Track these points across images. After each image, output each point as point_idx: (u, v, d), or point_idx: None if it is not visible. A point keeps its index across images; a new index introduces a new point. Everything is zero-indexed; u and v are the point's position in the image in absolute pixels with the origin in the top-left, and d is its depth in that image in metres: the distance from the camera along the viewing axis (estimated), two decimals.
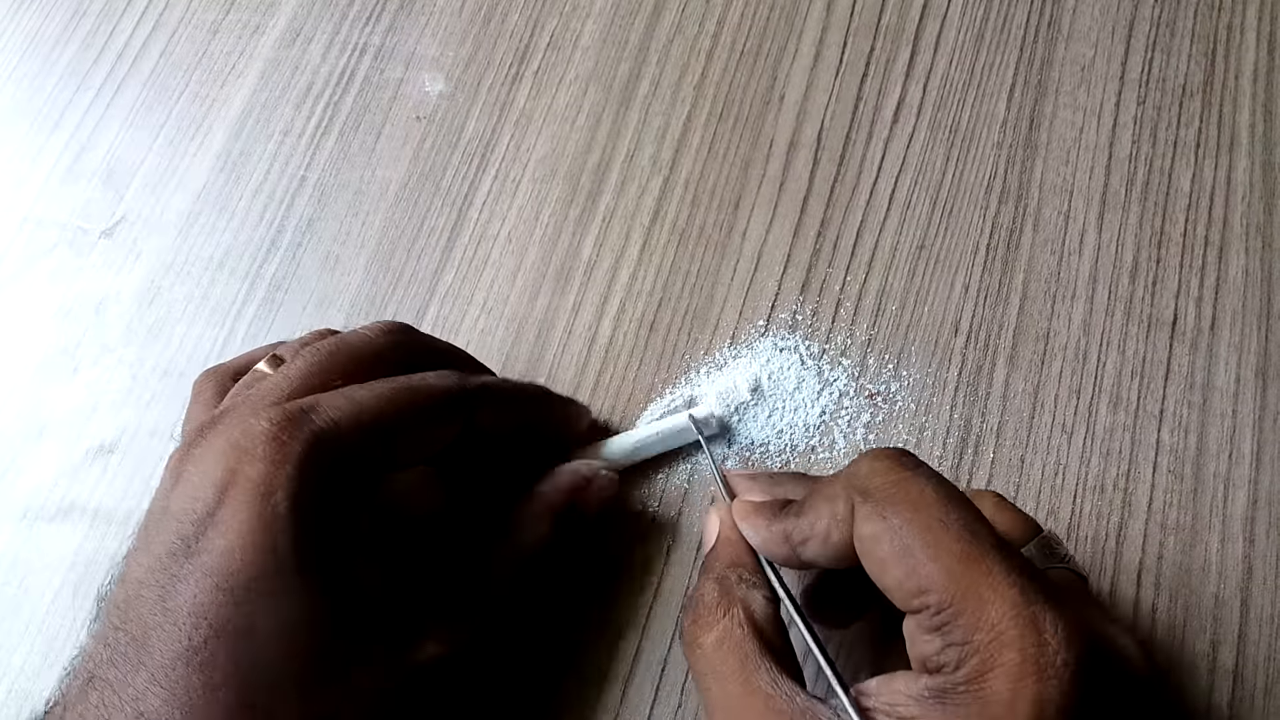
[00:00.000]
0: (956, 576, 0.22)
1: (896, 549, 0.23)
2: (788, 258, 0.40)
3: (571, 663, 0.34)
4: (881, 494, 0.24)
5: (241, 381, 0.31)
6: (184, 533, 0.25)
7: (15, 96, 0.48)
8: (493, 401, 0.31)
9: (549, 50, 0.46)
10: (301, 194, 0.44)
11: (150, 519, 0.27)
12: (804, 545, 0.26)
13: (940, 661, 0.22)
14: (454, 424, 0.30)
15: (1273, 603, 0.33)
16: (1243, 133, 0.40)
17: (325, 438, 0.26)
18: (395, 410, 0.28)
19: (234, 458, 0.25)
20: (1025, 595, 0.21)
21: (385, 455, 0.28)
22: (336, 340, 0.30)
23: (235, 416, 0.27)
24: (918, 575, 0.23)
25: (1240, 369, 0.37)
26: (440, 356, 0.33)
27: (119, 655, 0.24)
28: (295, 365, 0.29)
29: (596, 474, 0.34)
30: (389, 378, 0.29)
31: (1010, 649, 0.21)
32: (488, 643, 0.34)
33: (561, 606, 0.35)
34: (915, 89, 0.43)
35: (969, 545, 0.22)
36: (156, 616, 0.24)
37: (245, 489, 0.25)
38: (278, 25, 0.48)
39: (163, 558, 0.25)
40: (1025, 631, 0.21)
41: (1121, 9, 0.43)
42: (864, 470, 0.25)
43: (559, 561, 0.35)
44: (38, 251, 0.44)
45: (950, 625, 0.22)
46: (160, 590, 0.25)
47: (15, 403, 0.41)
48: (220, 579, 0.24)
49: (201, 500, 0.25)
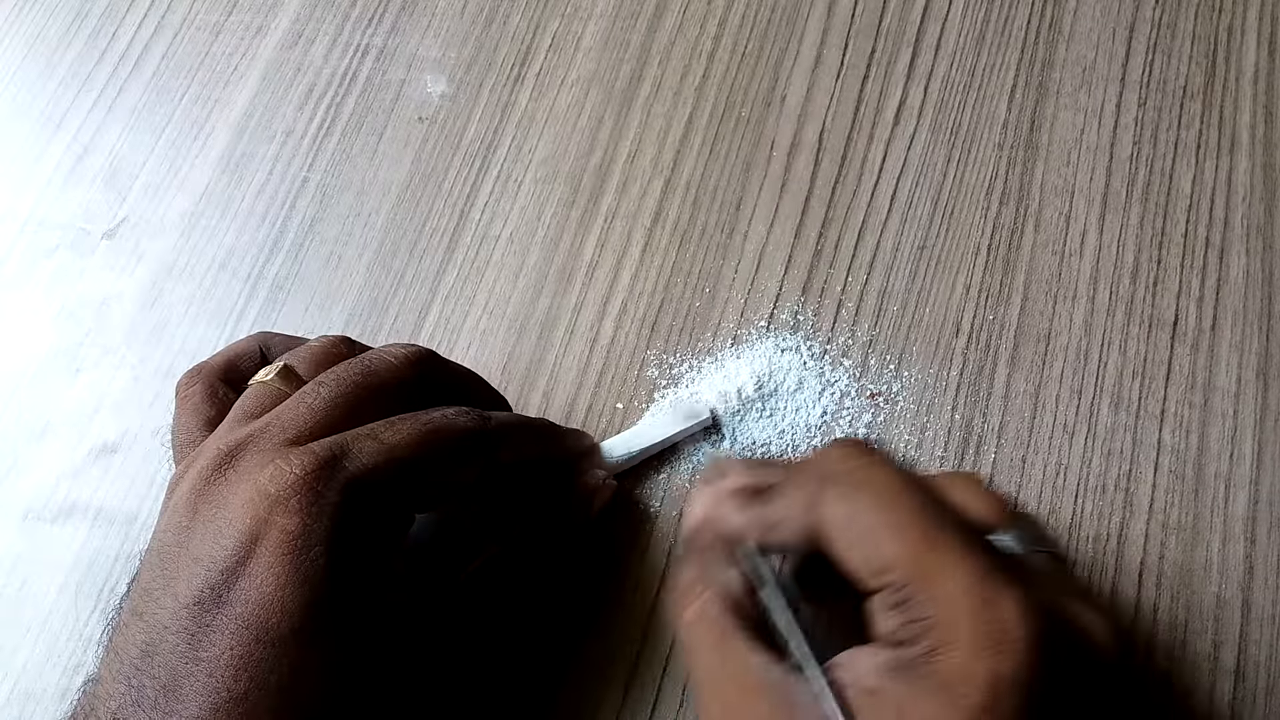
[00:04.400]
0: (916, 555, 0.23)
1: (859, 531, 0.24)
2: (789, 258, 0.40)
3: (573, 662, 0.34)
4: (848, 479, 0.25)
5: (246, 397, 0.30)
6: (212, 581, 0.25)
7: (18, 98, 0.48)
8: (512, 437, 0.31)
9: (550, 52, 0.46)
10: (303, 195, 0.44)
11: (166, 555, 0.26)
12: (776, 529, 0.27)
13: (901, 636, 0.23)
14: (479, 463, 0.30)
15: (1274, 603, 0.33)
16: (1243, 134, 0.40)
17: (359, 485, 0.26)
18: (424, 452, 0.28)
19: (264, 507, 0.25)
20: (982, 572, 0.22)
21: (415, 498, 0.28)
22: (361, 369, 0.29)
23: (259, 454, 0.26)
24: (880, 555, 0.24)
25: (1241, 369, 0.37)
26: (461, 385, 0.33)
27: (145, 700, 0.24)
28: (320, 396, 0.28)
29: (599, 483, 0.35)
30: (415, 415, 0.29)
31: (966, 624, 0.22)
32: (487, 643, 0.34)
33: (563, 606, 0.35)
34: (916, 90, 0.43)
35: (928, 526, 0.23)
36: (188, 665, 0.24)
37: (280, 541, 0.25)
38: (280, 27, 0.48)
39: (188, 603, 0.25)
40: (981, 607, 0.22)
41: (1122, 11, 0.43)
42: (830, 457, 0.27)
43: (561, 561, 0.35)
44: (40, 253, 0.44)
45: (910, 602, 0.23)
46: (189, 638, 0.24)
47: (17, 403, 0.41)
48: (260, 632, 0.24)
49: (229, 550, 0.25)
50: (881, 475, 0.25)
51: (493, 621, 0.34)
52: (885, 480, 0.25)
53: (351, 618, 0.26)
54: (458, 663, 0.33)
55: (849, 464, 0.26)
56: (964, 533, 0.24)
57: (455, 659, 0.33)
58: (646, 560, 0.35)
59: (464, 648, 0.33)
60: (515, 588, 0.34)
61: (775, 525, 0.27)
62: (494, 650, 0.34)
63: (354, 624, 0.26)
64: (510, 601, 0.34)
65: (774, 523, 0.27)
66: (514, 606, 0.34)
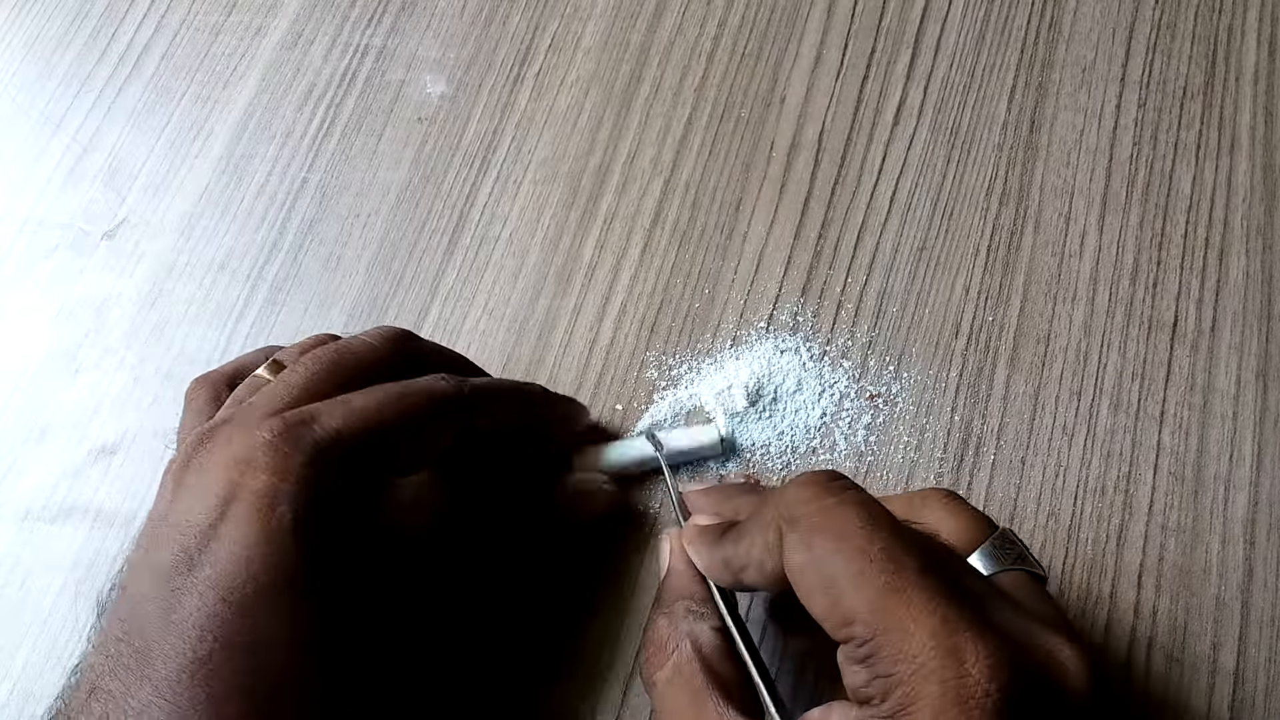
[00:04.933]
0: (879, 608, 0.22)
1: (821, 580, 0.23)
2: (788, 259, 0.40)
3: (571, 664, 0.34)
4: (806, 522, 0.24)
5: (239, 388, 0.31)
6: (186, 545, 0.25)
7: (17, 99, 0.48)
8: (490, 403, 0.31)
9: (550, 52, 0.46)
10: (303, 196, 0.44)
11: (150, 529, 0.26)
12: (743, 572, 0.27)
13: (868, 694, 0.22)
14: (453, 427, 0.30)
15: (1273, 605, 0.33)
16: (1243, 135, 0.40)
17: (326, 447, 0.26)
18: (394, 416, 0.28)
19: (235, 470, 0.25)
20: (947, 624, 0.21)
21: (386, 462, 0.28)
22: (337, 347, 0.30)
23: (234, 426, 0.27)
24: (842, 606, 0.23)
25: (1241, 371, 0.37)
26: (440, 362, 0.33)
27: (121, 667, 0.24)
28: (295, 373, 0.29)
29: (599, 489, 0.35)
30: (390, 384, 0.29)
31: (931, 681, 0.21)
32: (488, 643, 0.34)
33: (561, 608, 0.35)
34: (916, 91, 0.43)
35: (892, 576, 0.22)
36: (160, 629, 0.24)
37: (248, 501, 0.25)
38: (279, 27, 0.48)
39: (165, 570, 0.25)
40: (946, 662, 0.21)
41: (1122, 11, 0.43)
42: (789, 498, 0.25)
43: (559, 564, 0.35)
44: (39, 253, 0.44)
45: (875, 657, 0.22)
46: (163, 603, 0.25)
47: (17, 404, 0.41)
48: (225, 592, 0.24)
49: (203, 512, 0.25)
50: (843, 517, 0.24)
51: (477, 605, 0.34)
52: (846, 523, 0.23)
53: (320, 578, 0.26)
54: (447, 652, 0.33)
55: (810, 505, 0.24)
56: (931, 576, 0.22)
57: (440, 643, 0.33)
58: (646, 562, 0.35)
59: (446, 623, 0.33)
60: (518, 588, 0.34)
61: (742, 569, 0.27)
62: (494, 650, 0.34)
63: (323, 585, 0.26)
64: (513, 601, 0.34)
65: (740, 566, 0.27)
66: (508, 603, 0.34)
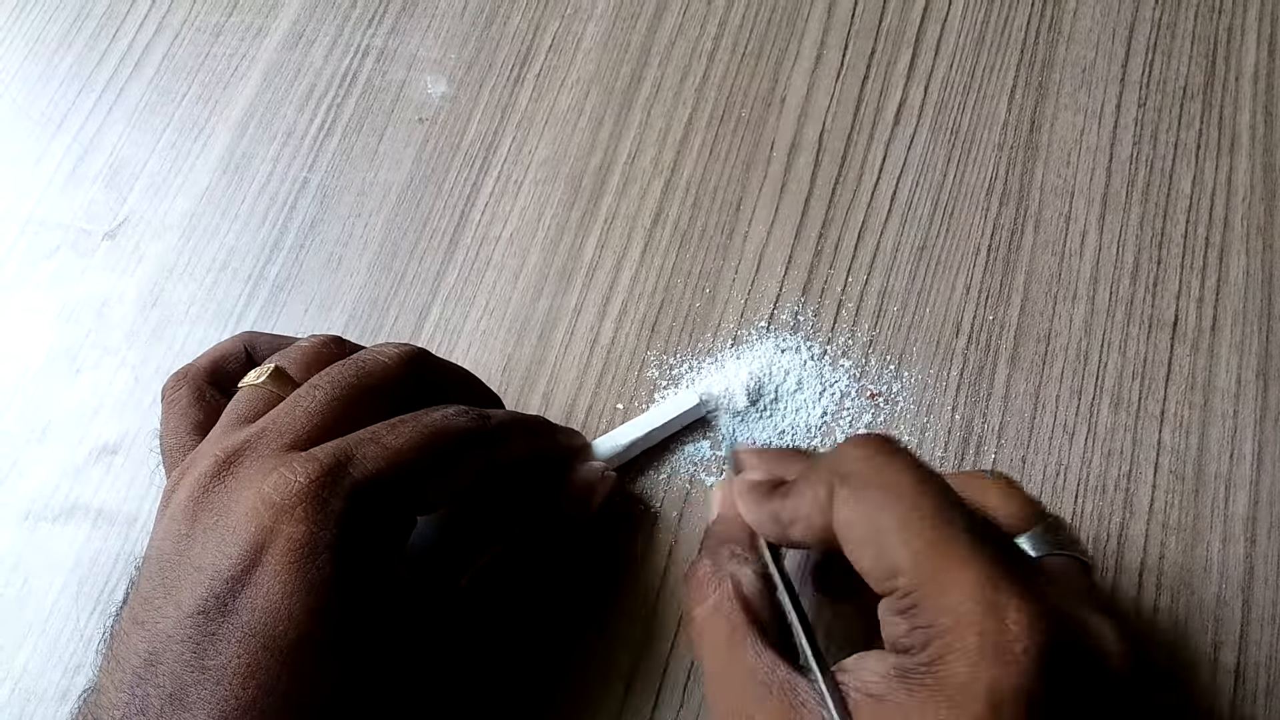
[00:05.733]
0: (924, 561, 0.22)
1: (869, 532, 0.24)
2: (789, 259, 0.40)
3: (573, 662, 0.34)
4: (859, 479, 0.25)
5: (239, 400, 0.29)
6: (216, 590, 0.25)
7: (18, 99, 0.48)
8: (509, 437, 0.31)
9: (551, 52, 0.46)
10: (304, 196, 0.44)
11: (166, 564, 0.26)
12: (791, 526, 0.27)
13: (907, 643, 0.23)
14: (478, 464, 0.30)
15: (1274, 603, 0.33)
16: (1243, 134, 0.40)
17: (364, 491, 0.26)
18: (427, 456, 0.28)
19: (269, 514, 0.25)
20: (989, 580, 0.22)
21: (417, 500, 0.28)
22: (356, 371, 0.29)
23: (259, 459, 0.26)
24: (888, 558, 0.23)
25: (1241, 370, 0.37)
26: (454, 383, 0.33)
27: (151, 709, 0.24)
28: (314, 397, 0.28)
29: (600, 475, 0.34)
30: (415, 417, 0.28)
31: (970, 633, 0.21)
32: (490, 643, 0.34)
33: (563, 606, 0.35)
34: (916, 91, 0.43)
35: (939, 530, 0.23)
36: (195, 674, 0.24)
37: (286, 550, 0.25)
38: (280, 28, 0.48)
39: (193, 615, 0.24)
40: (986, 616, 0.21)
41: (1122, 11, 0.43)
42: (845, 455, 0.26)
43: (561, 561, 0.35)
44: (41, 253, 0.44)
45: (917, 608, 0.22)
46: (194, 647, 0.24)
47: (18, 404, 0.41)
48: (266, 640, 0.24)
49: (233, 558, 0.25)
50: (896, 474, 0.24)
51: (497, 622, 0.34)
52: (899, 480, 0.24)
53: (357, 623, 0.26)
54: (461, 664, 0.33)
55: (864, 462, 0.25)
56: (977, 537, 0.23)
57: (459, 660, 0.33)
58: (647, 561, 0.35)
59: (468, 649, 0.33)
60: (518, 587, 0.34)
61: (790, 523, 0.27)
62: (495, 651, 0.34)
63: (360, 629, 0.26)
64: (513, 601, 0.34)
65: (789, 521, 0.27)
66: (517, 606, 0.34)
